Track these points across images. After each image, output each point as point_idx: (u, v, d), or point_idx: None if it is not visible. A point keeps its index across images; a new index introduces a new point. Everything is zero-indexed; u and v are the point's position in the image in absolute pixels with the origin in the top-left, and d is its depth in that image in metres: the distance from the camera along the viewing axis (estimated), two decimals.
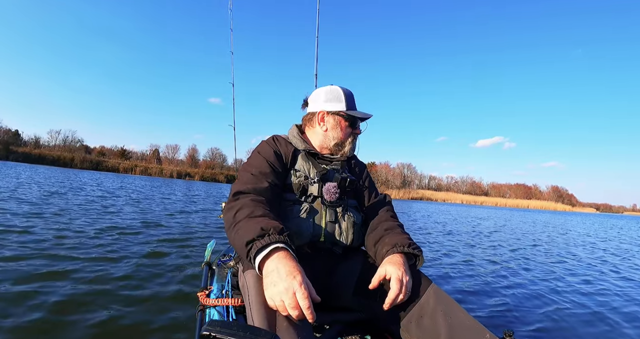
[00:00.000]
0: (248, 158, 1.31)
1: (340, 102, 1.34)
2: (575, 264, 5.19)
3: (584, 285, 3.81)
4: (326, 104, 1.36)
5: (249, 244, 0.90)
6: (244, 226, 0.96)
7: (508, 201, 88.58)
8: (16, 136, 51.32)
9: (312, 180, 1.25)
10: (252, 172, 1.18)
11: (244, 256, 0.93)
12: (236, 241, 0.96)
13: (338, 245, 1.23)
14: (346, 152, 1.36)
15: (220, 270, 1.61)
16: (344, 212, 1.25)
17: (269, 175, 1.19)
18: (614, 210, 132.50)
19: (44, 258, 2.93)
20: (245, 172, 1.19)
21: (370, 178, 1.49)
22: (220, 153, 68.94)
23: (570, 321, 2.60)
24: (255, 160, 1.25)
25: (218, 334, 0.63)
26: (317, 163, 1.32)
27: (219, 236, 4.97)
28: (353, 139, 1.37)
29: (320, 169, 1.29)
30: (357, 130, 1.38)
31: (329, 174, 1.28)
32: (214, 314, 1.15)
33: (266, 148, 1.30)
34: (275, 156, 1.26)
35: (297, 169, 1.29)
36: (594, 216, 49.41)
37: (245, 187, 1.12)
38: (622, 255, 6.77)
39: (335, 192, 1.23)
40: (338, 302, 1.18)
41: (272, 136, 1.39)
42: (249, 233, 0.91)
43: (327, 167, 1.31)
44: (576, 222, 20.96)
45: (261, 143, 1.36)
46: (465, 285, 3.35)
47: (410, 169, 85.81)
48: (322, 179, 1.25)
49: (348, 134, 1.35)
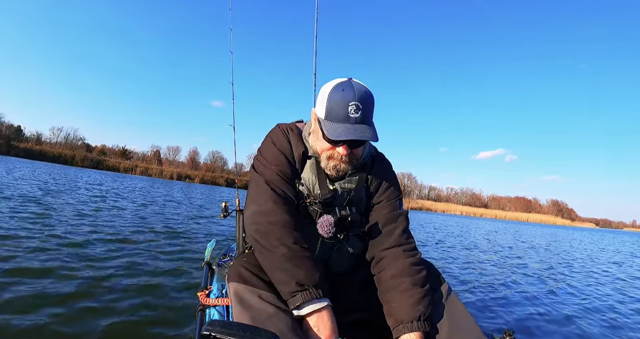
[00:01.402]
0: (263, 148, 1.14)
1: (322, 106, 1.04)
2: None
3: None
4: (318, 105, 1.08)
5: (294, 293, 0.89)
6: (286, 260, 0.92)
7: (508, 213, 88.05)
8: (18, 132, 51.38)
9: (313, 201, 1.09)
10: (276, 165, 1.07)
11: (282, 291, 0.92)
12: (275, 272, 0.93)
13: (330, 268, 1.16)
14: (328, 174, 1.10)
15: (220, 270, 1.62)
16: (342, 245, 1.14)
17: (291, 178, 1.07)
18: (614, 226, 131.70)
19: (41, 252, 2.93)
20: (268, 166, 1.07)
21: (394, 185, 1.20)
22: (221, 156, 68.84)
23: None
24: (273, 154, 1.10)
25: (218, 334, 0.63)
26: (324, 180, 1.09)
27: (219, 236, 4.97)
28: (331, 158, 1.06)
29: (325, 191, 1.08)
30: (337, 149, 1.04)
31: (335, 198, 1.10)
32: (214, 314, 1.16)
33: (282, 140, 1.13)
34: (290, 151, 1.11)
35: (303, 178, 1.11)
36: (604, 232, 49.48)
37: (280, 193, 1.02)
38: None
39: (329, 231, 1.04)
40: (337, 303, 1.18)
41: (288, 126, 1.18)
42: (294, 276, 0.90)
43: (335, 187, 1.10)
44: (583, 236, 20.93)
45: (275, 130, 1.17)
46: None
47: (411, 179, 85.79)
48: (324, 203, 1.08)
49: (323, 149, 1.07)
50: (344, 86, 1.00)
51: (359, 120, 0.97)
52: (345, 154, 1.03)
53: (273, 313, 0.88)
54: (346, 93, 0.99)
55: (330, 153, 1.05)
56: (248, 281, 0.94)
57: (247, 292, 0.92)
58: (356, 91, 0.98)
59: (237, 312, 0.89)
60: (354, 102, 0.97)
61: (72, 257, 2.96)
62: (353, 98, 0.97)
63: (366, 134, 0.97)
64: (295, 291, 0.89)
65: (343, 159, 1.05)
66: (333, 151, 1.05)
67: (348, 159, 1.06)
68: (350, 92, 0.98)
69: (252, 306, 0.89)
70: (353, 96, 0.98)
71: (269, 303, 0.90)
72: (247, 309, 0.88)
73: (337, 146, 1.03)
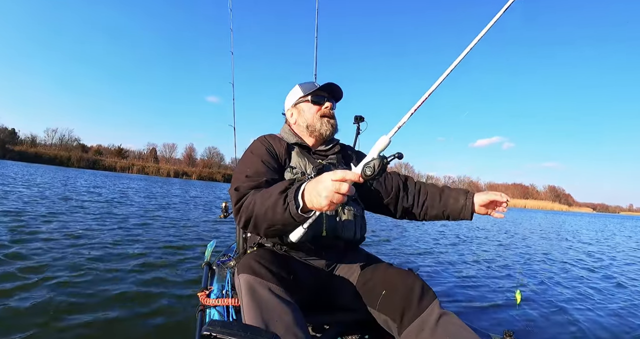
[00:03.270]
0: (241, 159, 1.27)
1: (296, 93, 1.38)
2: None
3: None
4: (290, 101, 1.41)
5: (283, 192, 0.90)
6: (267, 191, 0.97)
7: None
8: (12, 135, 50.95)
9: (308, 176, 1.22)
10: (247, 174, 1.14)
11: (281, 211, 0.90)
12: (265, 206, 0.94)
13: (340, 239, 1.21)
14: (323, 133, 1.32)
15: (220, 270, 1.61)
16: (343, 206, 1.23)
17: (266, 174, 1.16)
18: (611, 210, 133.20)
19: (43, 250, 2.93)
20: (240, 174, 1.15)
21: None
22: (218, 152, 68.74)
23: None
24: (249, 160, 1.21)
25: (218, 334, 0.64)
26: (312, 158, 1.29)
27: (219, 236, 4.97)
28: (323, 116, 1.33)
29: (316, 164, 1.27)
30: (323, 106, 1.34)
31: (325, 168, 1.25)
32: (214, 314, 1.16)
33: (258, 147, 1.26)
34: (269, 154, 1.23)
35: (293, 165, 1.26)
36: (606, 217, 49.25)
37: (245, 186, 1.09)
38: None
39: None
40: (337, 302, 1.19)
41: (263, 136, 1.36)
42: (277, 188, 0.93)
43: (323, 162, 1.29)
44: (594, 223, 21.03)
45: (253, 143, 1.33)
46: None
47: (408, 169, 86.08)
48: (319, 174, 1.20)
49: (314, 113, 1.33)
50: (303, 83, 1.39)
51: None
52: (330, 107, 1.34)
53: (282, 306, 0.90)
54: (308, 82, 1.40)
55: (321, 112, 1.33)
56: (258, 274, 0.97)
57: (258, 284, 0.94)
58: (310, 81, 1.40)
59: (247, 303, 0.91)
60: (317, 83, 1.37)
61: (72, 257, 2.96)
62: (312, 81, 1.40)
63: (335, 86, 1.34)
64: (282, 190, 0.91)
65: (331, 114, 1.35)
66: (322, 110, 1.33)
67: (334, 114, 1.36)
68: (309, 81, 1.40)
69: (262, 297, 0.91)
70: (312, 82, 1.40)
71: (278, 296, 0.93)
72: (257, 301, 0.90)
73: (323, 103, 1.34)
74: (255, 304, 0.89)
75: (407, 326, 1.00)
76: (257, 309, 0.88)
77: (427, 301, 1.02)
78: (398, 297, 1.04)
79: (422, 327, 0.97)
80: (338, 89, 1.37)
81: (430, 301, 1.02)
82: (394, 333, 1.04)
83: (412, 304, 1.01)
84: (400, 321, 1.01)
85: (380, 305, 1.07)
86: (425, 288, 1.06)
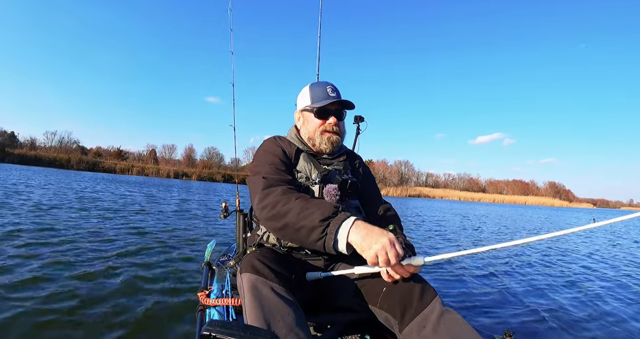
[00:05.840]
0: (256, 155, 1.29)
1: (305, 98, 1.34)
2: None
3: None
4: (299, 103, 1.38)
5: (325, 221, 0.95)
6: (306, 206, 0.99)
7: (505, 197, 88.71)
8: (12, 138, 50.97)
9: (313, 181, 1.23)
10: (270, 164, 1.18)
11: (315, 237, 0.95)
12: (300, 223, 0.98)
13: None
14: (322, 150, 1.32)
15: (220, 270, 1.62)
16: (347, 204, 1.25)
17: (285, 171, 1.20)
18: (611, 205, 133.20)
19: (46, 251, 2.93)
20: (261, 166, 1.19)
21: (374, 179, 1.48)
22: (217, 153, 68.70)
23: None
24: (265, 157, 1.24)
25: (218, 334, 0.63)
26: (318, 164, 1.29)
27: (219, 236, 4.97)
28: (324, 132, 1.30)
29: (322, 170, 1.27)
30: (327, 121, 1.30)
31: (330, 175, 1.26)
32: (214, 314, 1.16)
33: (272, 146, 1.29)
34: (282, 153, 1.26)
35: (299, 169, 1.27)
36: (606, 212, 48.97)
37: (274, 178, 1.13)
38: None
39: (336, 195, 1.21)
40: (338, 302, 1.19)
41: (275, 136, 1.38)
42: (319, 213, 0.96)
43: (329, 168, 1.29)
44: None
45: (264, 142, 1.35)
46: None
47: (408, 167, 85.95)
48: (323, 180, 1.24)
49: (316, 126, 1.30)
50: (313, 83, 1.37)
51: (337, 96, 1.32)
52: (334, 123, 1.29)
53: (284, 306, 0.91)
54: (321, 82, 1.36)
55: (323, 127, 1.30)
56: (261, 273, 0.97)
57: (260, 283, 0.95)
58: (327, 81, 1.35)
59: (249, 302, 0.91)
60: (329, 85, 1.32)
61: (72, 256, 2.96)
62: (327, 83, 1.34)
63: (346, 101, 1.30)
64: (324, 218, 0.95)
65: (334, 130, 1.31)
66: (325, 125, 1.30)
67: (338, 129, 1.32)
68: (324, 81, 1.36)
69: (264, 296, 0.92)
70: (326, 82, 1.34)
71: (280, 295, 0.93)
72: (260, 300, 0.91)
73: (327, 119, 1.29)
74: (257, 304, 0.90)
75: (408, 322, 0.99)
76: (259, 308, 0.88)
77: (428, 298, 1.02)
78: (399, 294, 1.03)
79: (423, 324, 0.97)
80: (349, 104, 1.34)
81: (432, 298, 1.02)
82: (394, 330, 1.04)
83: (413, 301, 1.01)
84: (401, 318, 1.01)
85: (381, 302, 1.07)
86: (426, 285, 1.06)
